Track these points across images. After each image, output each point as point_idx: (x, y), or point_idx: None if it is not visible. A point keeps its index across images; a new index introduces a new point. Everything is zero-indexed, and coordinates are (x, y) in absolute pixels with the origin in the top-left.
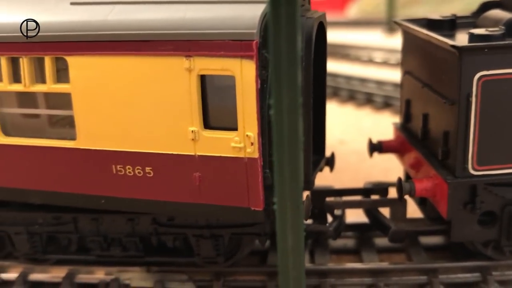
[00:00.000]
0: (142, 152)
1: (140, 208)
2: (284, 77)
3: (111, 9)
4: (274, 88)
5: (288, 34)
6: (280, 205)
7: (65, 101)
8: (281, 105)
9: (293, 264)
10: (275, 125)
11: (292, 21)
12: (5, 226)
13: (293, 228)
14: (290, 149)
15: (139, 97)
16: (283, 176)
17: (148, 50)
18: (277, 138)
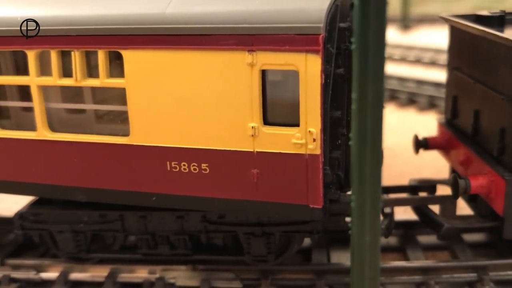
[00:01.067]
0: (199, 148)
1: (194, 206)
2: (370, 71)
3: (169, 2)
4: (359, 82)
5: (377, 26)
6: (358, 202)
7: (113, 96)
8: (365, 99)
9: (369, 263)
10: (357, 120)
11: (381, 13)
12: (47, 224)
13: (371, 226)
14: (373, 144)
15: (197, 92)
16: (364, 172)
17: (208, 44)
18: (358, 133)
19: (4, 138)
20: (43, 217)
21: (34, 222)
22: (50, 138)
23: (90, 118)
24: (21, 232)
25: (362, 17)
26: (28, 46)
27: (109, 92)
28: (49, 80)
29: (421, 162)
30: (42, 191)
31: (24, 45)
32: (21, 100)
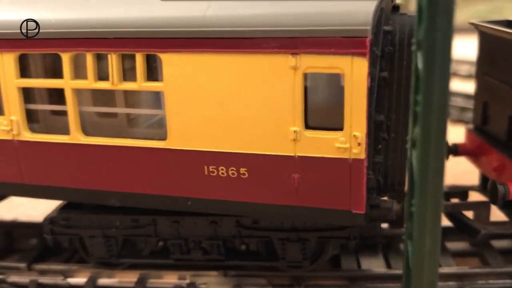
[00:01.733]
0: (238, 152)
1: (231, 210)
2: (436, 72)
3: (208, 5)
4: (424, 84)
5: (444, 26)
6: (419, 206)
7: (147, 100)
8: (430, 101)
9: (429, 269)
10: (422, 122)
11: (449, 13)
12: (78, 229)
13: (432, 231)
14: (436, 147)
15: (237, 96)
16: (426, 176)
17: (250, 47)
18: (422, 136)
19: (35, 142)
20: (73, 222)
21: (64, 227)
22: (84, 142)
23: (122, 121)
24: (51, 237)
25: (429, 17)
26: (63, 49)
27: (142, 95)
28: (84, 83)
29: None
30: (73, 195)
31: (59, 47)
32: (51, 103)
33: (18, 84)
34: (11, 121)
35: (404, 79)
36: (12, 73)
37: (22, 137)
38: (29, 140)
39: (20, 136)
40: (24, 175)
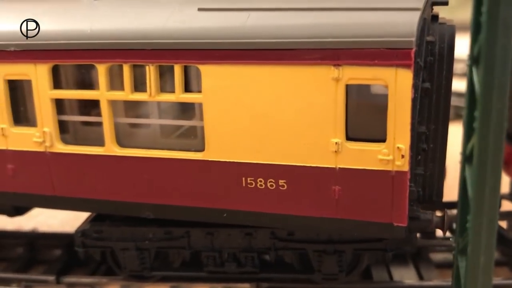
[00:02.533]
0: (277, 164)
1: (268, 222)
2: (495, 88)
3: (247, 16)
4: (483, 100)
5: (504, 44)
6: (475, 222)
7: (179, 111)
8: (488, 117)
9: (482, 284)
10: (480, 139)
11: (509, 29)
12: (111, 242)
13: (487, 248)
14: (493, 163)
15: (277, 108)
16: (483, 191)
17: (291, 58)
18: (480, 152)
19: (68, 153)
20: (105, 234)
21: (96, 239)
22: (119, 153)
23: (156, 133)
24: (83, 249)
25: (489, 32)
26: (99, 60)
27: (172, 107)
28: (121, 94)
29: None
30: (106, 207)
31: (95, 58)
32: (81, 115)
33: (52, 95)
34: (44, 132)
35: (443, 89)
36: (46, 84)
37: (55, 149)
38: (62, 152)
39: (52, 147)
40: (55, 187)
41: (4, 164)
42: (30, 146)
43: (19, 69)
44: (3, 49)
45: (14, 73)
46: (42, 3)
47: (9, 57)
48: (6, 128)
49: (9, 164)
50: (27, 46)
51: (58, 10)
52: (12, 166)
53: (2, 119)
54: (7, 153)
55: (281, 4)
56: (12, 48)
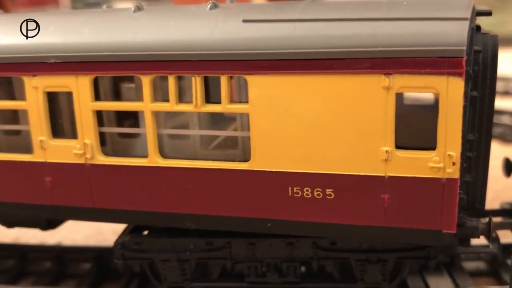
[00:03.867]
0: (325, 173)
1: (314, 232)
2: None
3: (294, 26)
4: None
5: None
6: None
7: (213, 122)
8: None
9: None
10: None
11: None
12: (151, 253)
13: None
14: None
15: (325, 117)
16: None
17: (340, 68)
18: None
19: (109, 165)
20: (145, 245)
21: (136, 251)
22: (162, 164)
23: (196, 143)
24: (122, 261)
25: None
26: (143, 71)
27: (212, 118)
28: (166, 106)
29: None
30: (147, 219)
31: (139, 70)
32: (118, 126)
33: (93, 107)
34: (85, 144)
35: (487, 98)
36: (87, 96)
37: (96, 161)
38: (103, 164)
39: (93, 159)
40: (95, 199)
41: (42, 176)
42: (69, 158)
43: (59, 81)
44: (43, 61)
45: (54, 85)
46: (81, 15)
47: (49, 69)
48: (45, 140)
49: (47, 176)
50: (68, 58)
51: (98, 22)
52: (50, 179)
53: (41, 131)
54: (45, 165)
55: (328, 15)
56: (53, 60)
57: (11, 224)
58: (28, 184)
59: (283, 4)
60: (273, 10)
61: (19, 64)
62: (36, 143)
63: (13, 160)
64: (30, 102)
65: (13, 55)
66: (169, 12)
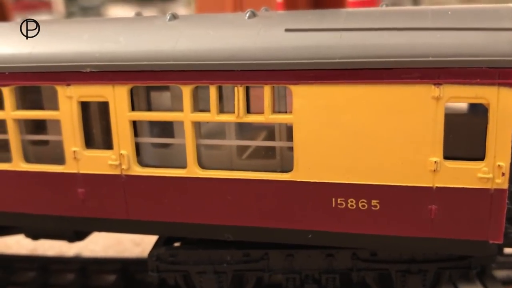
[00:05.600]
0: (370, 184)
1: (357, 243)
2: None
3: (339, 35)
4: None
5: None
6: None
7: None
8: None
9: None
10: None
11: None
12: (187, 266)
13: None
14: None
15: (373, 127)
16: None
17: (389, 78)
18: None
19: (146, 176)
20: (181, 257)
21: (171, 263)
22: (201, 175)
23: (233, 153)
24: (157, 274)
25: None
26: (184, 81)
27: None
28: (206, 116)
29: None
30: (184, 230)
31: (179, 80)
32: (153, 136)
33: (130, 117)
34: (121, 155)
35: None
36: (124, 106)
37: (132, 172)
38: (140, 175)
39: (129, 170)
40: (129, 210)
41: (74, 188)
42: (104, 169)
43: (95, 90)
44: (78, 70)
45: (90, 94)
46: (113, 23)
47: (84, 78)
48: (78, 151)
49: (80, 188)
50: (105, 67)
51: (134, 31)
52: (82, 190)
53: (74, 142)
54: (77, 176)
55: (373, 24)
56: (88, 69)
57: (36, 236)
58: (58, 195)
59: (323, 12)
60: (314, 18)
61: (53, 73)
62: (68, 153)
63: (42, 171)
64: (64, 111)
65: (47, 63)
66: (206, 21)
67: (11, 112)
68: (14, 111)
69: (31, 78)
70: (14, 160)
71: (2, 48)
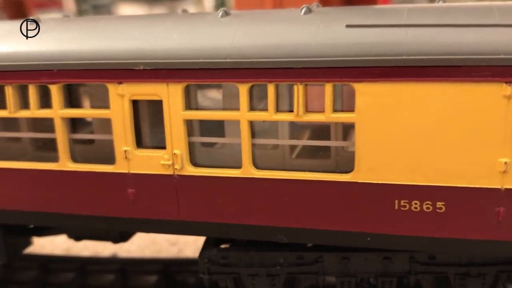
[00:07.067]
0: (436, 185)
1: (419, 246)
2: None
3: (405, 32)
4: None
5: None
6: None
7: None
8: None
9: None
10: None
11: None
12: (239, 268)
13: None
14: None
15: (440, 126)
16: None
17: (458, 76)
18: None
19: (200, 176)
20: (233, 259)
21: (223, 265)
22: (257, 175)
23: (285, 153)
24: (208, 276)
25: None
26: (241, 80)
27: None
28: (264, 115)
29: None
30: (235, 231)
31: (236, 78)
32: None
33: (185, 116)
34: (174, 155)
35: None
36: (178, 105)
37: (185, 172)
38: (193, 175)
39: (182, 170)
40: (181, 211)
41: (124, 188)
42: (156, 169)
43: (148, 89)
44: (130, 68)
45: (142, 93)
46: (165, 19)
47: (137, 76)
48: (129, 150)
49: (130, 188)
50: (159, 64)
51: (186, 27)
52: (133, 190)
53: (126, 141)
54: (128, 176)
55: (439, 20)
56: (142, 67)
57: (79, 237)
58: (107, 196)
59: (382, 8)
60: (374, 14)
61: (104, 71)
62: (119, 153)
63: (90, 171)
64: (115, 110)
65: (97, 61)
66: (260, 17)
67: (59, 111)
68: (62, 109)
69: (80, 76)
70: (61, 160)
71: (49, 44)
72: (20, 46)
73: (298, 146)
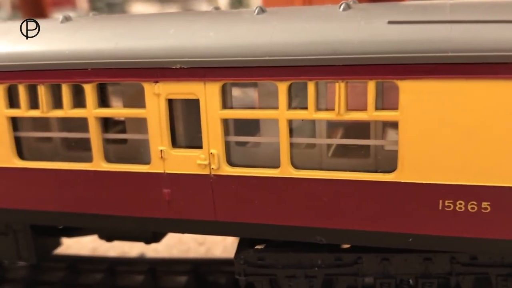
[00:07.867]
0: (482, 185)
1: (463, 247)
2: None
3: (449, 28)
4: None
5: None
6: None
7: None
8: None
9: None
10: None
11: None
12: (276, 269)
13: None
14: None
15: (488, 125)
16: None
17: (505, 73)
18: None
19: (237, 176)
20: (269, 261)
21: (259, 266)
22: (295, 175)
23: (323, 153)
24: (244, 278)
25: None
26: (280, 78)
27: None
28: (303, 113)
29: None
30: (273, 232)
31: (276, 76)
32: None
33: (222, 115)
34: (211, 154)
35: None
36: (216, 104)
37: (222, 172)
38: (230, 175)
39: (219, 170)
40: (217, 211)
41: (159, 188)
42: (192, 169)
43: (185, 87)
44: (167, 67)
45: (179, 92)
46: (200, 17)
47: (173, 75)
48: (165, 150)
49: (165, 188)
50: (196, 63)
51: (223, 25)
52: (168, 191)
53: (161, 141)
54: (163, 176)
55: (484, 17)
56: (178, 66)
57: (111, 237)
58: (141, 196)
59: (424, 4)
60: (416, 10)
61: (139, 70)
62: (155, 153)
63: (125, 171)
64: (150, 109)
65: (133, 59)
66: (297, 14)
67: (93, 110)
68: (96, 108)
69: (115, 75)
70: (94, 160)
71: (82, 43)
72: (52, 44)
73: (333, 144)
